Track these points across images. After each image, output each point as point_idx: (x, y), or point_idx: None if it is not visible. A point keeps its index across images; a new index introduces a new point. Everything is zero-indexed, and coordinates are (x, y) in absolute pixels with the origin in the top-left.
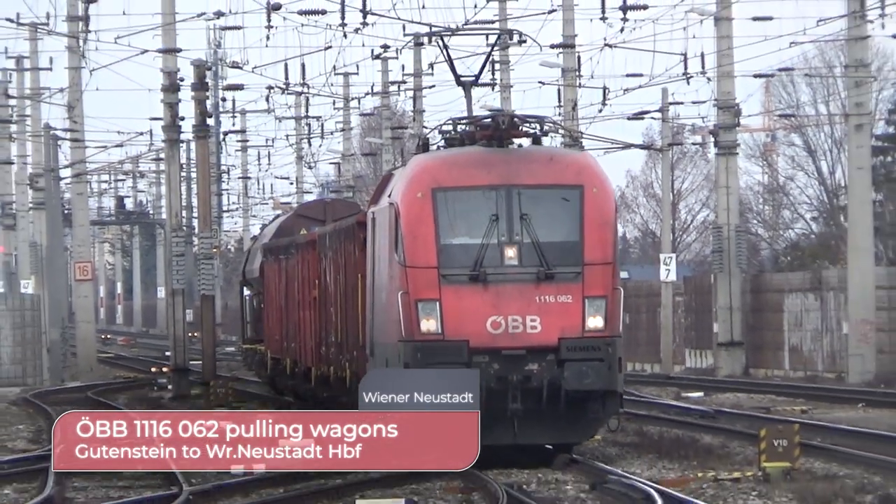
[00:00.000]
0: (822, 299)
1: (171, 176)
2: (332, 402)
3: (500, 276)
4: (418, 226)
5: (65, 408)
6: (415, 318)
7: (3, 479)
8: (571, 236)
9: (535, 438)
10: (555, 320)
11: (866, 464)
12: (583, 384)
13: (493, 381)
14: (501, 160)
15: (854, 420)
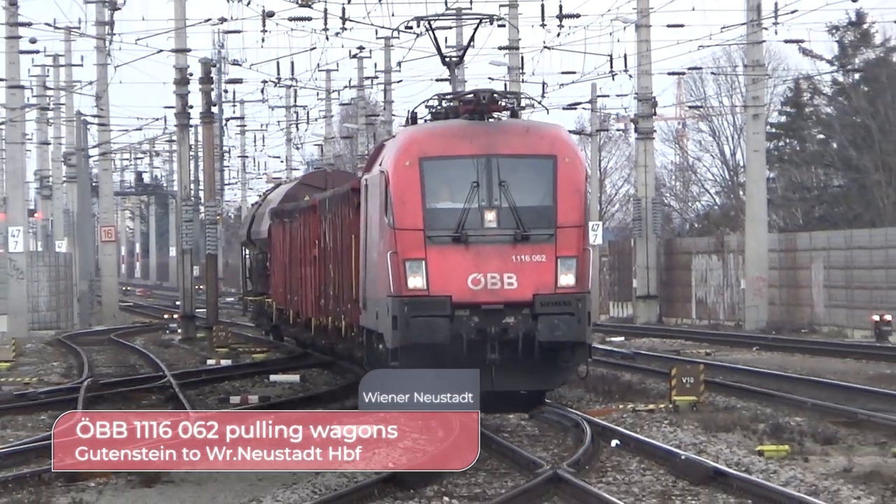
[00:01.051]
0: (724, 260)
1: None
2: (329, 349)
3: (480, 238)
4: (406, 192)
5: (95, 347)
6: (403, 276)
7: (40, 407)
8: (545, 201)
9: (512, 385)
10: (530, 278)
11: (759, 397)
12: (555, 336)
13: (473, 333)
14: (482, 132)
15: (749, 361)
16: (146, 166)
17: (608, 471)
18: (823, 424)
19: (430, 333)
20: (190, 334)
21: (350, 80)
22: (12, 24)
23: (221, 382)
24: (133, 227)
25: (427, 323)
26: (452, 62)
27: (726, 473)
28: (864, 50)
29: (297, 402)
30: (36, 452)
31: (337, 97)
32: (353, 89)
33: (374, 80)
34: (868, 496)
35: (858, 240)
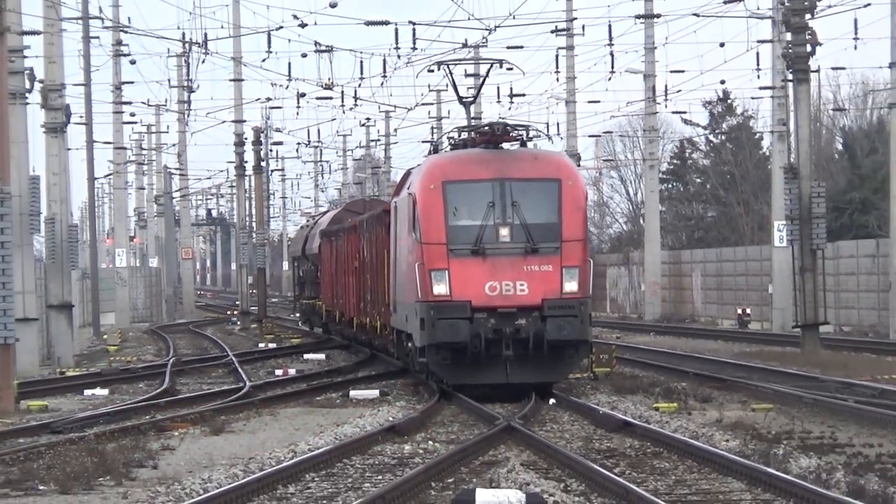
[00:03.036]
0: (629, 270)
1: (239, 196)
2: (368, 343)
3: (495, 251)
4: (431, 211)
5: (177, 335)
6: (429, 284)
7: (139, 378)
8: (552, 219)
9: (524, 378)
10: (539, 285)
11: (655, 369)
12: (561, 335)
13: (490, 333)
14: (496, 159)
15: (648, 342)
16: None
17: (547, 422)
18: (702, 388)
19: (453, 333)
20: (246, 325)
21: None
22: (117, 104)
23: (268, 360)
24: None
25: (450, 324)
26: (467, 102)
27: (632, 423)
28: (728, 118)
29: (323, 373)
30: (136, 410)
31: (351, 154)
32: (362, 149)
33: (378, 142)
34: (734, 439)
35: (726, 255)
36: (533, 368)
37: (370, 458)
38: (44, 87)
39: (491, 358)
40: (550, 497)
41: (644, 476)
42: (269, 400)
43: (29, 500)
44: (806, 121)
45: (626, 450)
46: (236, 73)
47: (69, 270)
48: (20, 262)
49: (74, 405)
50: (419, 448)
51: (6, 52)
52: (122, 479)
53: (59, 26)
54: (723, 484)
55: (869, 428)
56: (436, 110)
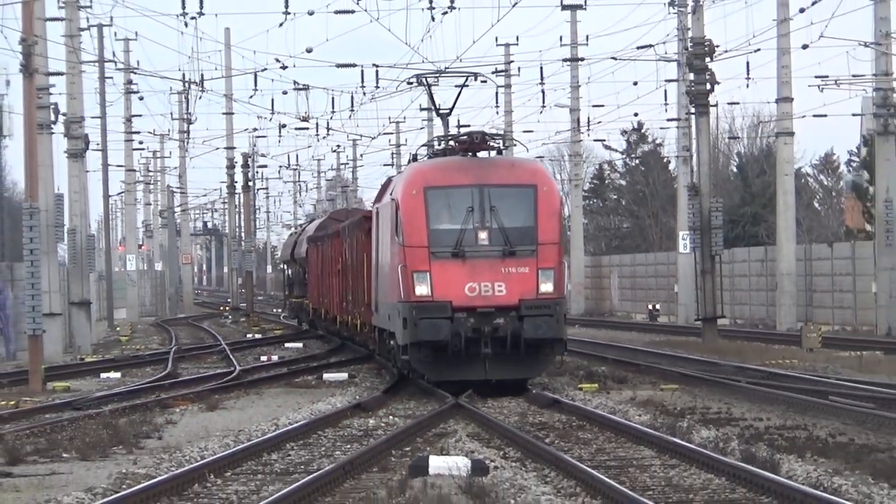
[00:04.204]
0: None
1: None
2: (350, 338)
3: (474, 253)
4: (414, 215)
5: (179, 327)
6: (411, 285)
7: (146, 363)
8: (528, 223)
9: (502, 375)
10: (516, 286)
11: (579, 355)
12: (538, 334)
13: (470, 331)
14: (475, 166)
15: (575, 333)
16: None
17: (488, 401)
18: (619, 371)
19: (435, 332)
20: (236, 319)
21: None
22: (128, 133)
23: (255, 348)
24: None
25: (432, 323)
26: (444, 114)
27: (560, 401)
28: (641, 145)
29: (301, 359)
30: (143, 390)
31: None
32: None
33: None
34: (646, 414)
35: (638, 260)
36: (511, 365)
37: (340, 431)
38: (66, 120)
39: (471, 355)
40: (491, 463)
41: (570, 445)
42: (255, 382)
43: (55, 466)
44: (706, 147)
45: (555, 423)
46: (228, 108)
47: (87, 273)
48: (47, 266)
49: (92, 386)
50: (381, 422)
51: (35, 89)
52: (132, 448)
53: (79, 68)
54: (636, 451)
55: (759, 405)
56: (395, 138)
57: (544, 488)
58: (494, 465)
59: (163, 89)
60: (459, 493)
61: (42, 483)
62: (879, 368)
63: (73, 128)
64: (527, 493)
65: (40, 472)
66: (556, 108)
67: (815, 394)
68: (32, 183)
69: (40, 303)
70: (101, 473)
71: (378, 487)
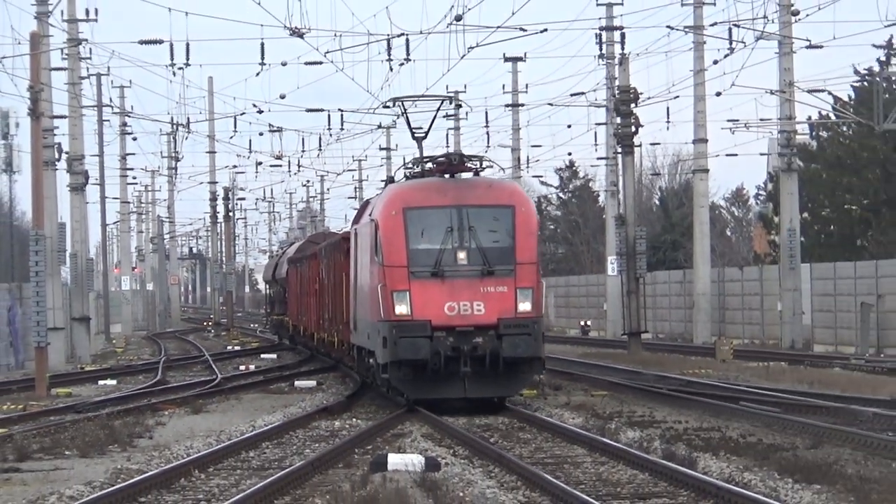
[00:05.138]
0: None
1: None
2: (326, 354)
3: (454, 273)
4: (393, 236)
5: (167, 340)
6: (391, 304)
7: (138, 372)
8: (506, 243)
9: (480, 393)
10: (495, 305)
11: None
12: (516, 353)
13: (449, 350)
14: (454, 187)
15: None
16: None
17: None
18: (555, 379)
19: (414, 351)
20: (217, 332)
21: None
22: (123, 169)
23: (235, 358)
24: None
25: (411, 342)
26: (419, 137)
27: (504, 405)
28: (574, 180)
29: (275, 368)
30: (136, 396)
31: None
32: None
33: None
34: (579, 417)
35: (572, 282)
36: (489, 383)
37: (310, 431)
38: (69, 157)
39: (450, 374)
40: (443, 460)
41: (512, 444)
42: (234, 388)
43: (58, 462)
44: (631, 182)
45: (499, 425)
46: (211, 147)
47: (87, 292)
48: (51, 286)
49: (91, 392)
50: (346, 424)
51: (41, 131)
52: (126, 446)
53: (79, 112)
54: (571, 450)
55: (678, 409)
56: (358, 174)
57: (489, 482)
58: (445, 462)
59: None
60: (415, 486)
61: (47, 477)
62: (784, 377)
63: (74, 164)
64: (474, 487)
65: (45, 467)
66: (500, 147)
67: (727, 399)
68: (38, 213)
69: (45, 318)
70: (99, 469)
71: (343, 481)
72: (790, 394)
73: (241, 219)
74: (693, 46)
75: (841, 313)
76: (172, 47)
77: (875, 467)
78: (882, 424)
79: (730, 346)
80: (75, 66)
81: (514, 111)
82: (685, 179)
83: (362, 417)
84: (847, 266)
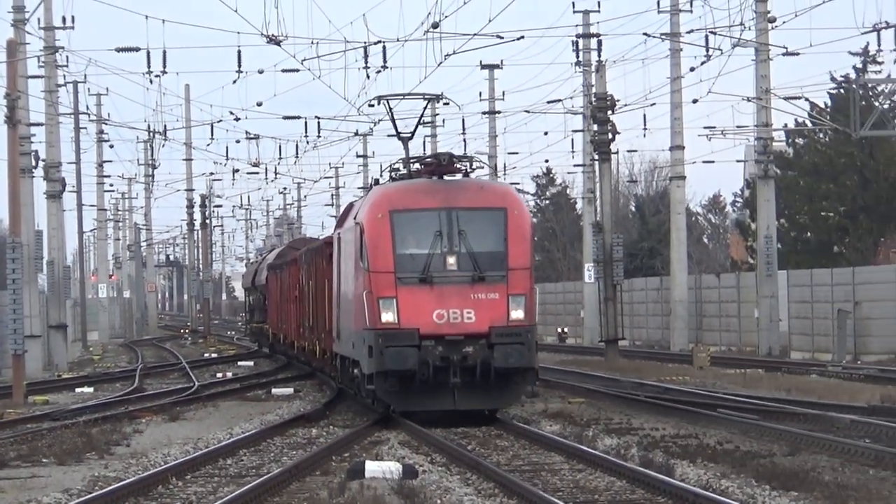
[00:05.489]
0: None
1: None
2: (307, 363)
3: (443, 279)
4: (379, 240)
5: (144, 347)
6: (377, 312)
7: (116, 379)
8: (498, 247)
9: (471, 405)
10: (486, 313)
11: None
12: (508, 363)
13: (438, 360)
14: (443, 188)
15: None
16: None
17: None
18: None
19: (402, 361)
20: (194, 340)
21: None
22: (100, 177)
23: (212, 365)
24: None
25: (398, 352)
26: (405, 138)
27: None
28: (550, 188)
29: (252, 376)
30: (114, 403)
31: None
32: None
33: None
34: (556, 424)
35: (549, 289)
36: (480, 395)
37: (287, 439)
38: (45, 165)
39: (439, 385)
40: (420, 467)
41: (489, 451)
42: (212, 396)
43: (35, 470)
44: (608, 189)
45: (475, 432)
46: (187, 155)
47: (64, 300)
48: (28, 293)
49: (68, 399)
50: (323, 431)
51: (18, 138)
52: (103, 454)
53: (56, 120)
54: (548, 457)
55: (655, 416)
56: (335, 182)
57: (467, 489)
58: (423, 470)
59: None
60: (392, 494)
61: (24, 485)
62: (761, 384)
63: (51, 172)
64: (451, 494)
65: (22, 475)
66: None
67: (704, 406)
68: (15, 220)
69: (22, 326)
70: (76, 476)
71: (320, 489)
72: (767, 401)
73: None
74: (670, 53)
75: (818, 320)
76: (149, 55)
77: (852, 474)
78: (859, 431)
79: (707, 353)
80: (52, 73)
81: (490, 118)
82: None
83: (339, 425)
84: (824, 273)
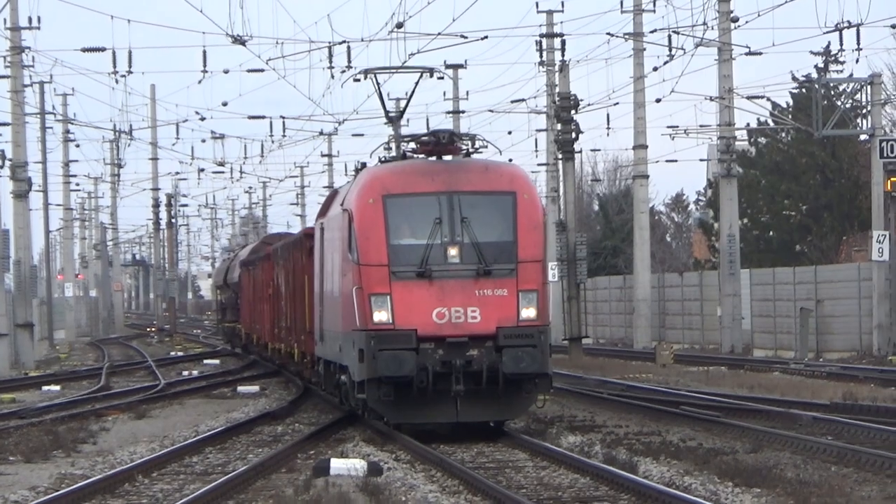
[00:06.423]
0: None
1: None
2: (284, 367)
3: (443, 273)
4: (370, 228)
5: (111, 346)
6: (368, 310)
7: (82, 377)
8: (506, 237)
9: (476, 417)
10: (493, 311)
11: None
12: (519, 368)
13: (438, 365)
14: (443, 170)
15: None
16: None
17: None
18: None
19: (397, 366)
20: (161, 338)
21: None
22: (66, 176)
23: (178, 364)
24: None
25: (393, 356)
26: (394, 117)
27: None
28: None
29: (218, 374)
30: (80, 401)
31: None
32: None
33: (257, 204)
34: (520, 422)
35: None
36: (486, 405)
37: (253, 436)
38: (12, 164)
39: (439, 394)
40: (385, 464)
41: (454, 449)
42: (178, 394)
43: (2, 468)
44: (571, 188)
45: (441, 431)
46: (153, 154)
47: (31, 299)
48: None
49: (35, 398)
50: (289, 428)
51: None
52: (70, 452)
53: (23, 119)
54: (512, 454)
55: (619, 413)
56: (300, 181)
57: (431, 486)
58: (388, 467)
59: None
60: (357, 491)
61: None
62: (723, 381)
63: (17, 171)
64: (416, 491)
65: None
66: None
67: (667, 404)
68: None
69: None
70: (43, 474)
71: (286, 486)
72: (730, 398)
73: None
74: (633, 53)
75: (780, 318)
76: (115, 55)
77: (814, 471)
78: (821, 428)
79: (670, 350)
80: (18, 73)
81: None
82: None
83: (305, 422)
84: (786, 271)
